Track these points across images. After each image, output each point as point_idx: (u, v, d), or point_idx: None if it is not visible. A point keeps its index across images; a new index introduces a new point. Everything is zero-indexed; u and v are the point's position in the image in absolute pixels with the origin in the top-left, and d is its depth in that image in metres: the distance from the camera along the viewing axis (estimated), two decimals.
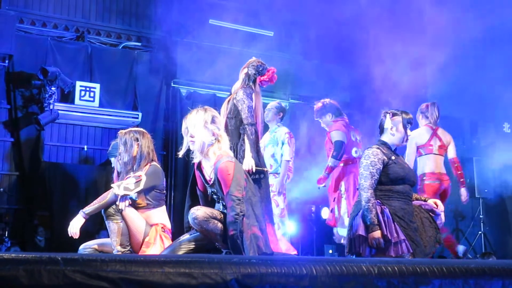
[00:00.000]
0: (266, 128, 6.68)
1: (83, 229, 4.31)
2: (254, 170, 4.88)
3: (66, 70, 8.08)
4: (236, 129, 5.06)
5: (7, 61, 7.95)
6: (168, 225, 4.58)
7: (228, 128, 5.07)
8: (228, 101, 5.16)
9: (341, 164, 6.37)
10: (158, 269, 1.97)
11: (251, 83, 5.16)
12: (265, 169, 5.09)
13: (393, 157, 4.38)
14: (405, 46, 8.39)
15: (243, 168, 4.83)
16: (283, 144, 6.51)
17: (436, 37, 8.71)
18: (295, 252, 5.48)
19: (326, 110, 6.59)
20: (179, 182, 8.55)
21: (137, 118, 8.34)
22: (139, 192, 4.37)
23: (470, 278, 2.37)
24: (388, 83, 8.63)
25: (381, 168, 4.31)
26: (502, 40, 8.68)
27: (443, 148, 6.39)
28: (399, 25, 8.38)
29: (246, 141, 4.95)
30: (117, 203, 4.29)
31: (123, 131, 4.68)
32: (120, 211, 4.30)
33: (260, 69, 5.21)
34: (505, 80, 8.52)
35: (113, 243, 4.32)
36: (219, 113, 4.22)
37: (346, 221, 5.93)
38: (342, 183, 6.35)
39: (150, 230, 4.40)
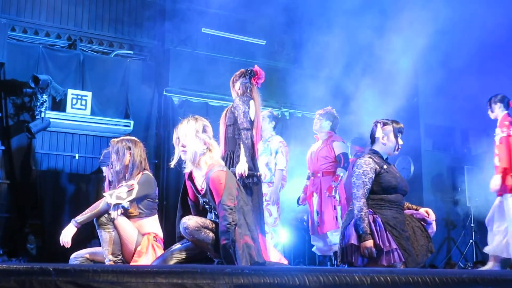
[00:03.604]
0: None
1: (74, 238, 4.29)
2: (246, 174, 4.90)
3: (58, 78, 8.06)
4: (234, 136, 5.11)
5: None
6: (160, 234, 4.57)
7: (226, 136, 5.13)
8: (228, 110, 5.24)
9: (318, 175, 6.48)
10: (150, 279, 1.96)
11: (248, 91, 5.23)
12: (258, 173, 5.10)
13: (385, 166, 4.40)
14: (397, 55, 8.44)
15: (236, 171, 4.86)
16: (276, 153, 6.52)
17: (428, 45, 8.77)
18: (286, 263, 5.47)
19: (331, 118, 6.62)
20: (171, 190, 8.53)
21: (129, 126, 8.32)
22: (131, 201, 4.36)
23: None
24: (379, 92, 8.67)
25: (373, 177, 4.32)
26: (494, 48, 8.72)
27: None
28: (391, 33, 8.43)
29: (241, 146, 4.99)
30: (110, 212, 4.28)
31: (116, 139, 4.68)
32: (112, 220, 4.29)
33: (249, 71, 5.29)
34: (496, 89, 8.56)
35: (104, 252, 4.30)
36: (211, 123, 4.23)
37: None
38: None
39: (142, 239, 4.39)
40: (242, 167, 4.92)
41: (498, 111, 6.32)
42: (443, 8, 8.23)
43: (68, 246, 4.27)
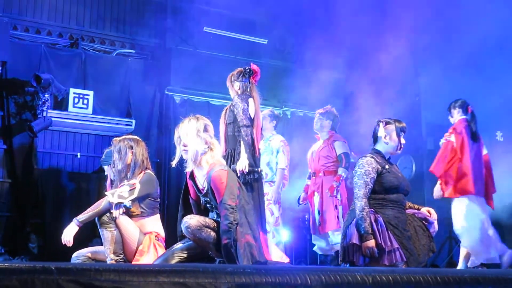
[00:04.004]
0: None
1: (76, 237, 4.29)
2: (247, 170, 4.91)
3: (59, 77, 8.05)
4: (234, 134, 5.12)
5: (0, 68, 7.93)
6: (162, 233, 4.57)
7: (226, 134, 5.14)
8: (227, 109, 5.26)
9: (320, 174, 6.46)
10: (152, 278, 1.96)
11: (248, 90, 5.26)
12: (259, 169, 5.11)
13: (387, 166, 4.39)
14: (399, 54, 8.42)
15: (237, 168, 4.87)
16: (278, 152, 6.53)
17: (429, 45, 8.75)
18: (288, 260, 5.47)
19: (332, 116, 6.61)
20: (173, 189, 8.53)
21: (131, 125, 8.32)
22: (133, 200, 4.37)
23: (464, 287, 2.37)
24: (380, 91, 8.66)
25: (375, 177, 4.32)
26: (495, 49, 8.71)
27: None
28: (392, 32, 8.41)
29: (241, 143, 5.00)
30: (111, 211, 4.28)
31: (118, 138, 4.68)
32: (114, 219, 4.29)
33: (248, 70, 5.30)
34: (498, 88, 8.56)
35: (106, 251, 4.31)
36: (212, 122, 4.23)
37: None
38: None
39: (144, 238, 4.39)
40: (242, 163, 4.93)
41: (456, 116, 6.23)
42: (445, 6, 8.22)
43: (70, 245, 4.27)
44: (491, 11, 7.99)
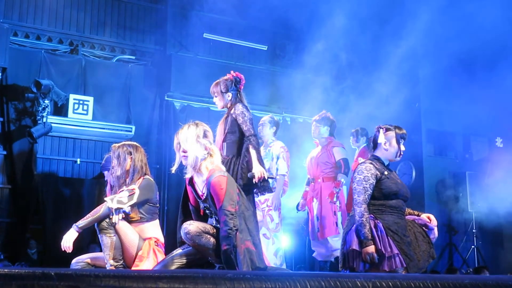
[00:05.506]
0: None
1: (75, 243, 4.28)
2: (266, 176, 4.88)
3: (59, 83, 8.08)
4: (233, 142, 5.08)
5: (0, 74, 7.95)
6: (161, 239, 4.56)
7: (225, 142, 5.11)
8: (225, 118, 5.20)
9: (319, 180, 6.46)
10: (152, 284, 1.96)
11: (239, 98, 5.27)
12: (277, 176, 5.15)
13: (386, 172, 4.38)
14: (398, 59, 8.44)
15: (256, 175, 4.83)
16: (278, 158, 6.51)
17: (429, 51, 8.77)
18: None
19: (329, 122, 6.60)
20: (172, 195, 8.53)
21: (131, 131, 8.33)
22: (132, 206, 4.36)
23: None
24: (380, 97, 8.67)
25: (374, 183, 4.31)
26: (495, 56, 8.73)
27: None
28: (391, 38, 8.43)
29: (253, 151, 4.93)
30: (111, 216, 4.28)
31: (116, 144, 4.68)
32: (113, 225, 4.28)
33: (238, 80, 5.30)
34: (497, 95, 8.57)
35: (106, 257, 4.30)
36: (212, 128, 4.22)
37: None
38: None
39: (143, 244, 4.38)
40: (259, 170, 4.86)
41: (361, 143, 6.87)
42: (444, 12, 8.24)
43: (70, 251, 4.26)
44: (491, 16, 8.01)
